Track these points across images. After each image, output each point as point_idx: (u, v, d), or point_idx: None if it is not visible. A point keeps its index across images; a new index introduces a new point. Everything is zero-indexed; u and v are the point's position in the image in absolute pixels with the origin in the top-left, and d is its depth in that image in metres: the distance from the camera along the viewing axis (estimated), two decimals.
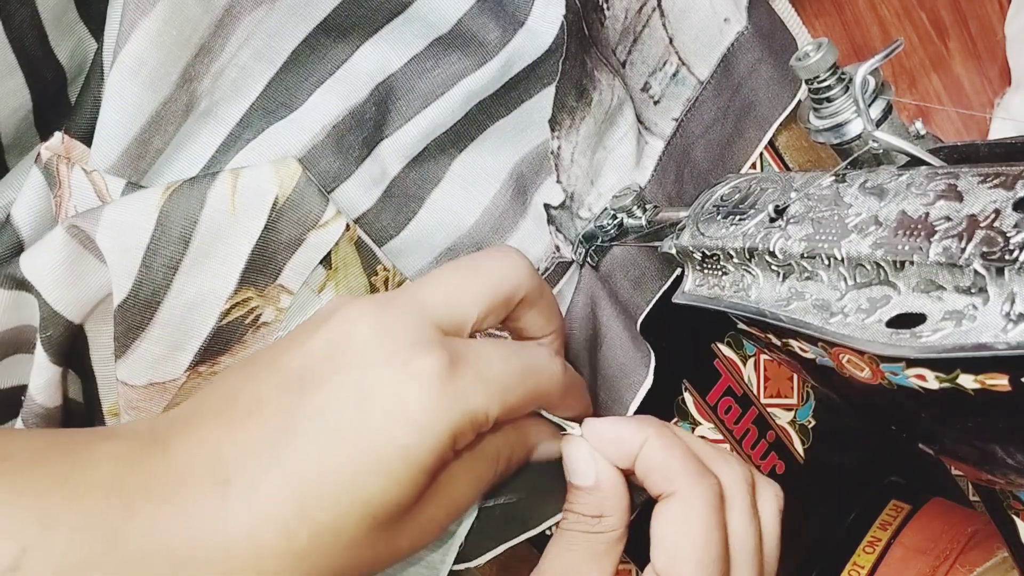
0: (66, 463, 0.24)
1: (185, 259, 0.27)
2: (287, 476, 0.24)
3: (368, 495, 0.24)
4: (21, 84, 0.29)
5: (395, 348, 0.25)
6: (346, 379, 0.25)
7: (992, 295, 0.20)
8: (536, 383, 0.27)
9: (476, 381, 0.25)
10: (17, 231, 0.28)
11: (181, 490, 0.24)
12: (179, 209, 0.27)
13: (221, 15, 0.28)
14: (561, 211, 0.35)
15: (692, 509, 0.28)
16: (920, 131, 0.26)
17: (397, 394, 0.24)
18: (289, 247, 0.29)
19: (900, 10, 0.51)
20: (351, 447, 0.24)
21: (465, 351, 0.26)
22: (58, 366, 0.28)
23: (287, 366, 0.26)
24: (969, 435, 0.23)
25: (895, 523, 0.45)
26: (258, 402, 0.25)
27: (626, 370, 0.34)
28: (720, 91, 0.38)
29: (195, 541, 0.23)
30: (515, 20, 0.32)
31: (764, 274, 0.26)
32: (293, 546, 0.23)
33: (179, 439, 0.25)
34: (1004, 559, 0.40)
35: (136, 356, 0.28)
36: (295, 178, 0.28)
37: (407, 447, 0.24)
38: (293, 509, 0.23)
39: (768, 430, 0.43)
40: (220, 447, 0.24)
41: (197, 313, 0.28)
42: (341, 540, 0.24)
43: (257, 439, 0.24)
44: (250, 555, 0.23)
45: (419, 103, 0.32)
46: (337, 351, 0.25)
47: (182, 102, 0.29)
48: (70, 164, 0.28)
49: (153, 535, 0.23)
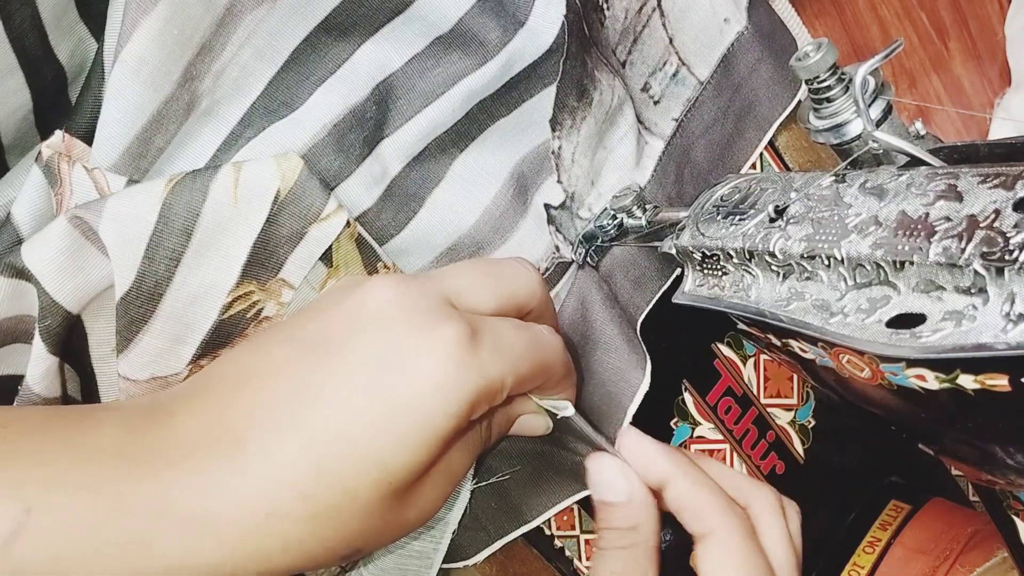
0: (69, 429, 0.24)
1: (187, 251, 0.27)
2: (305, 438, 0.24)
3: (386, 459, 0.24)
4: (21, 84, 0.29)
5: (417, 316, 0.25)
6: (367, 343, 0.25)
7: (992, 295, 0.20)
8: (543, 356, 0.28)
9: (494, 351, 0.25)
10: (17, 229, 0.28)
11: (191, 453, 0.24)
12: (182, 201, 0.27)
13: (222, 14, 0.29)
14: (561, 211, 0.35)
15: (731, 545, 0.29)
16: (920, 131, 0.26)
17: (420, 360, 0.24)
18: (291, 240, 0.29)
19: (900, 10, 0.51)
20: (371, 410, 0.24)
21: (481, 323, 0.26)
22: (55, 356, 0.28)
23: (304, 335, 0.26)
24: (969, 435, 0.23)
25: (895, 523, 0.45)
26: (273, 368, 0.25)
27: (622, 373, 0.34)
28: (720, 91, 0.38)
29: (207, 502, 0.23)
30: (516, 20, 0.32)
31: (764, 274, 0.26)
32: (308, 508, 0.23)
33: (186, 408, 0.25)
34: (1004, 559, 0.40)
35: (138, 350, 0.28)
36: (296, 171, 0.28)
37: (429, 413, 0.24)
38: (310, 471, 0.23)
39: (768, 430, 0.43)
40: (232, 412, 0.24)
41: (199, 306, 0.28)
42: (356, 505, 0.24)
43: (273, 401, 0.24)
44: (265, 516, 0.23)
45: (420, 102, 0.32)
46: (357, 318, 0.25)
47: (183, 101, 0.29)
48: (71, 162, 0.28)
49: (162, 495, 0.23)
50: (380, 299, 0.25)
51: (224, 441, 0.24)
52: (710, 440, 0.42)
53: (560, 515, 0.39)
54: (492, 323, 0.27)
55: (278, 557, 0.24)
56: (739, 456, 0.42)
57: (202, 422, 0.24)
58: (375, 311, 0.25)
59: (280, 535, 0.23)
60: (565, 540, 0.39)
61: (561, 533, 0.39)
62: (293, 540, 0.24)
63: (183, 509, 0.23)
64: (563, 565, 0.40)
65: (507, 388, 0.26)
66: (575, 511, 0.39)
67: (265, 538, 0.23)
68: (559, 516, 0.39)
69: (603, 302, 0.34)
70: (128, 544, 0.22)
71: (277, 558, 0.24)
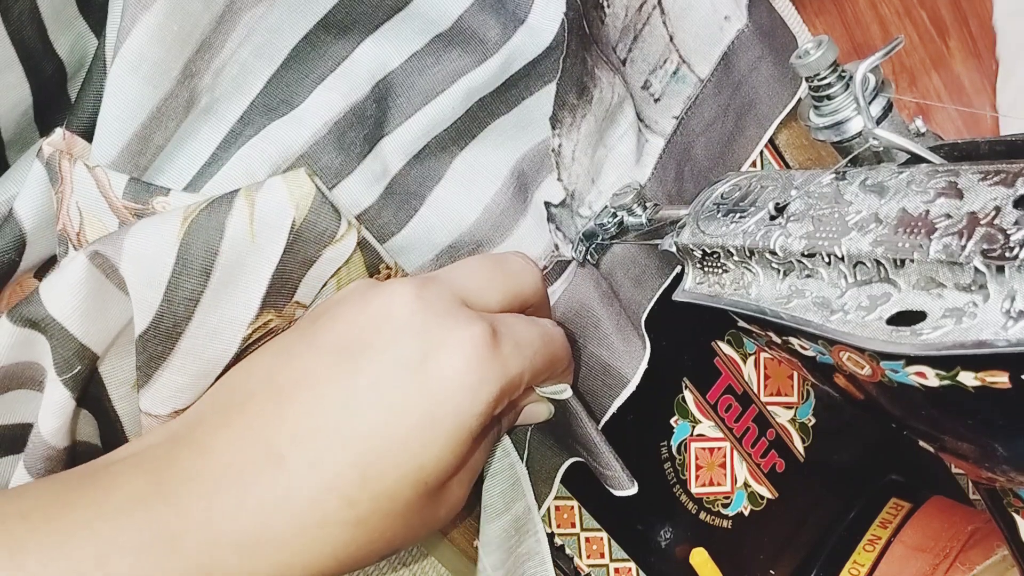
0: (94, 491, 0.24)
1: (207, 291, 0.27)
2: (346, 444, 0.24)
3: (423, 460, 0.25)
4: (21, 78, 0.29)
5: (442, 319, 0.26)
6: (397, 349, 0.25)
7: (992, 292, 0.20)
8: (553, 349, 0.29)
9: (514, 348, 0.26)
10: (20, 225, 0.28)
11: (235, 477, 0.24)
12: (199, 241, 0.26)
13: (222, 11, 0.28)
14: (561, 209, 0.35)
15: None
16: (920, 129, 0.26)
17: (449, 361, 0.25)
18: (305, 264, 0.29)
19: (900, 8, 0.51)
20: (407, 413, 0.25)
21: (499, 322, 0.27)
22: (79, 405, 0.28)
23: (329, 342, 0.26)
24: (969, 432, 0.23)
25: (895, 521, 0.45)
26: (305, 379, 0.26)
27: (612, 372, 0.35)
28: (720, 89, 0.38)
29: (259, 521, 0.23)
30: (516, 17, 0.32)
31: (764, 272, 0.26)
32: (355, 513, 0.24)
33: (215, 433, 0.25)
34: (1004, 557, 0.40)
35: (159, 385, 0.28)
36: (310, 198, 0.28)
37: (461, 412, 0.25)
38: (355, 477, 0.24)
39: (768, 428, 0.43)
40: (268, 428, 0.25)
41: (219, 341, 0.28)
42: (397, 506, 0.25)
43: (309, 412, 0.25)
44: (315, 526, 0.24)
45: (419, 100, 0.32)
46: (384, 324, 0.26)
47: (183, 98, 0.29)
48: (72, 160, 0.28)
49: (213, 527, 0.23)
50: (404, 305, 0.26)
51: (267, 458, 0.24)
52: (710, 438, 0.42)
53: (560, 513, 0.39)
54: (508, 321, 0.27)
55: (328, 564, 0.24)
56: (739, 454, 0.42)
57: (238, 443, 0.25)
58: (401, 317, 0.26)
59: (330, 543, 0.24)
60: (565, 538, 0.39)
61: (561, 531, 0.39)
62: (340, 545, 0.24)
63: (237, 533, 0.23)
64: (563, 563, 0.40)
65: (524, 383, 0.27)
66: (575, 510, 0.39)
67: (317, 547, 0.24)
68: (559, 515, 0.39)
69: (601, 299, 0.34)
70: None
71: (328, 563, 0.24)
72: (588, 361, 0.35)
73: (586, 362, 0.35)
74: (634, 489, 0.33)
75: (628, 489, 0.33)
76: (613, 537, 0.40)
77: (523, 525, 0.33)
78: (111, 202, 0.28)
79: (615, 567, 0.40)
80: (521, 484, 0.33)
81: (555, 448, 0.36)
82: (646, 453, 0.40)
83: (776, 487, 0.44)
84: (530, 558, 0.33)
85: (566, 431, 0.33)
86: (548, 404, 0.32)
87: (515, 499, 0.34)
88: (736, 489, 0.43)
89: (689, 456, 0.41)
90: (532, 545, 0.33)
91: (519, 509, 0.33)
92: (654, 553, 0.41)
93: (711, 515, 0.42)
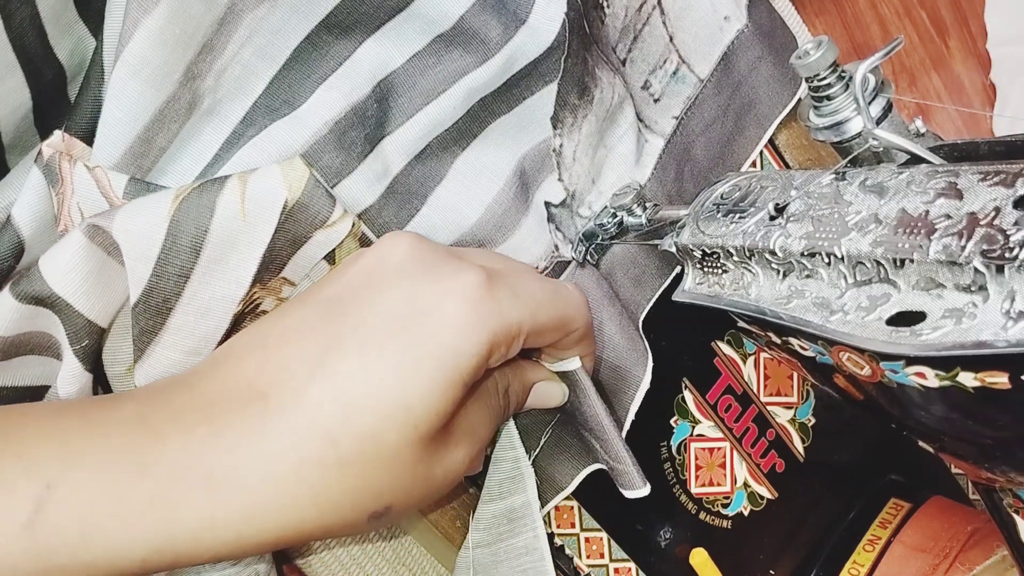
0: (88, 409, 0.24)
1: (196, 268, 0.27)
2: (329, 383, 0.24)
3: (410, 401, 0.24)
4: (21, 82, 0.29)
5: (435, 265, 0.26)
6: (388, 294, 0.25)
7: (992, 293, 0.20)
8: (564, 308, 0.29)
9: (511, 295, 0.26)
10: (18, 231, 0.28)
11: (215, 413, 0.24)
12: (189, 218, 0.27)
13: (223, 13, 0.28)
14: (561, 209, 0.35)
15: None
16: (920, 129, 0.26)
17: (441, 303, 0.25)
18: (295, 244, 0.29)
19: (900, 8, 0.51)
20: (395, 354, 0.24)
21: (499, 271, 0.27)
22: (90, 373, 0.28)
23: (324, 296, 0.26)
24: (969, 433, 0.23)
25: (895, 521, 0.45)
26: (295, 328, 0.25)
27: (621, 372, 0.35)
28: (720, 89, 0.38)
29: (234, 457, 0.23)
30: (517, 17, 0.32)
31: (764, 272, 0.26)
32: (336, 453, 0.23)
33: (206, 375, 0.25)
34: (1004, 557, 0.40)
35: (152, 361, 0.28)
36: (303, 181, 0.28)
37: (451, 353, 0.24)
38: (336, 415, 0.23)
39: (768, 428, 0.43)
40: (255, 370, 0.24)
41: (211, 319, 0.28)
42: (383, 450, 0.24)
43: (297, 355, 0.25)
44: (292, 465, 0.23)
45: (421, 100, 0.32)
46: (377, 272, 0.26)
47: (185, 100, 0.29)
48: (72, 161, 0.28)
49: (185, 457, 0.23)
50: (398, 253, 0.26)
51: (248, 396, 0.24)
52: (710, 438, 0.42)
53: (560, 514, 0.39)
54: (510, 271, 0.27)
55: (308, 509, 0.23)
56: (739, 454, 0.42)
57: (224, 383, 0.24)
58: (394, 264, 0.26)
59: (309, 483, 0.23)
60: (565, 538, 0.40)
61: (561, 531, 0.39)
62: (322, 489, 0.23)
63: (210, 467, 0.23)
64: (563, 563, 0.40)
65: (524, 333, 0.26)
66: (575, 510, 0.39)
67: (294, 488, 0.23)
68: (559, 515, 0.39)
69: (602, 300, 0.34)
70: (155, 509, 0.22)
71: (307, 510, 0.23)
72: (597, 365, 0.35)
73: (596, 367, 0.35)
74: (646, 490, 0.32)
75: (640, 489, 0.33)
76: (613, 537, 0.40)
77: (519, 518, 0.33)
78: (112, 202, 0.28)
79: (615, 567, 0.40)
80: (524, 480, 0.33)
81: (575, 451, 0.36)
82: (646, 453, 0.40)
83: (776, 487, 0.44)
84: (528, 553, 0.33)
85: (582, 425, 0.33)
86: (562, 386, 0.31)
87: (513, 491, 0.33)
88: (736, 489, 0.43)
89: (689, 456, 0.41)
90: (530, 540, 0.33)
91: (516, 502, 0.33)
92: (654, 553, 0.41)
93: (711, 515, 0.42)
